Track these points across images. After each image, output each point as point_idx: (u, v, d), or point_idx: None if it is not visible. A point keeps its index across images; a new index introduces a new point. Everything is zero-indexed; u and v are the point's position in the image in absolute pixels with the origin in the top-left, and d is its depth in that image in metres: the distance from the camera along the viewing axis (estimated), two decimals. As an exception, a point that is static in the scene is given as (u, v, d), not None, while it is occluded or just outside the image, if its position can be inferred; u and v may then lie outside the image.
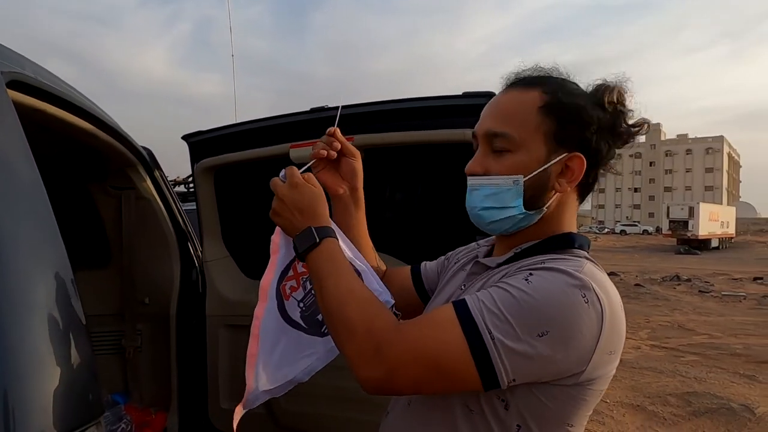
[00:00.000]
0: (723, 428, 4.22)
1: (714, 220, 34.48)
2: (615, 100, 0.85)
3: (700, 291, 12.86)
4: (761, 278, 15.44)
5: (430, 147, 1.72)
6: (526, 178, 0.84)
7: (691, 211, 32.64)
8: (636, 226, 59.75)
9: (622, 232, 52.44)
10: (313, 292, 1.13)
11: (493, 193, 0.86)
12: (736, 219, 41.05)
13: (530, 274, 0.77)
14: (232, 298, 2.09)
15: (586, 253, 0.86)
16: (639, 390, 5.12)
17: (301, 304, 1.18)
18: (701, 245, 31.58)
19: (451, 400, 0.83)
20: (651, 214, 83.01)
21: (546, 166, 0.84)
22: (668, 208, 35.61)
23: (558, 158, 0.85)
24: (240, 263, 2.22)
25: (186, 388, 2.16)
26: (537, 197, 0.86)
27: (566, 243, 0.87)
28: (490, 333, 0.72)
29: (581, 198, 0.93)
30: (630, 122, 0.88)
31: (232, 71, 4.81)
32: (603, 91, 0.86)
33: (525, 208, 0.85)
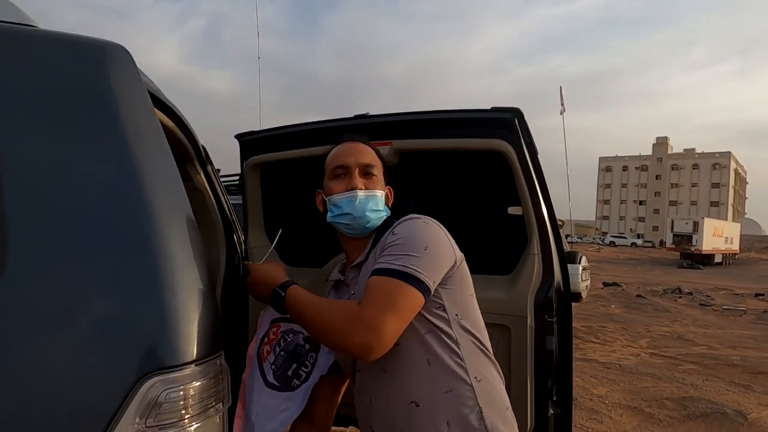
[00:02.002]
0: (716, 431, 4.42)
1: (718, 236, 34.53)
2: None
3: (701, 304, 13.02)
4: (762, 294, 15.57)
5: (462, 154, 1.94)
6: (384, 193, 1.39)
7: (696, 226, 32.73)
8: (625, 238, 59.81)
9: (611, 243, 52.45)
10: (282, 353, 1.56)
11: (376, 200, 1.35)
12: (741, 235, 41.04)
13: (392, 233, 1.24)
14: (273, 282, 2.33)
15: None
16: (637, 393, 5.32)
17: (273, 366, 1.54)
18: (704, 260, 31.63)
19: (414, 336, 1.20)
20: (655, 228, 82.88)
21: (386, 189, 1.41)
22: (672, 221, 35.70)
23: (387, 187, 1.43)
24: (279, 251, 2.45)
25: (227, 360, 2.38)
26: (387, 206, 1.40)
27: (389, 222, 1.35)
28: (404, 265, 1.15)
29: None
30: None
31: (258, 74, 5.04)
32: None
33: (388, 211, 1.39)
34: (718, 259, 33.77)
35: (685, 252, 32.35)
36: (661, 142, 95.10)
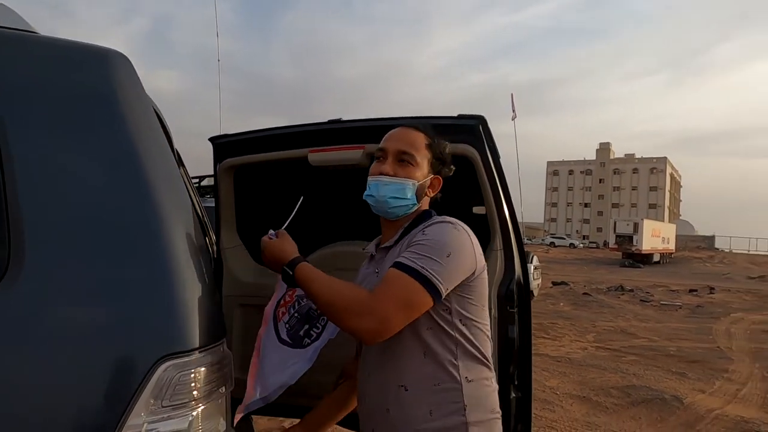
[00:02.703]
0: (656, 415, 4.78)
1: (656, 236, 36.59)
2: (447, 150, 1.49)
3: (641, 300, 13.84)
4: (696, 290, 16.71)
5: None
6: (419, 183, 1.40)
7: (636, 227, 34.56)
8: (564, 239, 62.51)
9: (552, 244, 54.73)
10: (296, 315, 1.67)
11: (399, 188, 1.37)
12: (676, 236, 43.64)
13: (423, 232, 1.30)
14: (245, 281, 2.38)
15: (438, 216, 1.41)
16: (585, 384, 5.65)
17: (287, 326, 1.66)
18: (644, 259, 33.43)
19: (416, 329, 1.27)
20: (599, 229, 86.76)
21: (426, 179, 1.42)
22: (615, 223, 37.53)
23: (430, 176, 1.44)
24: (250, 251, 2.50)
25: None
26: (418, 196, 1.41)
27: (428, 215, 1.42)
28: (423, 268, 1.21)
29: (430, 203, 1.50)
30: (448, 166, 1.50)
31: (218, 77, 5.02)
32: (445, 144, 1.49)
33: (416, 201, 1.40)
34: (656, 258, 35.75)
35: (627, 252, 34.09)
36: (604, 148, 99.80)
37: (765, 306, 13.68)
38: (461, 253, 1.25)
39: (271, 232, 1.47)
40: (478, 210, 2.08)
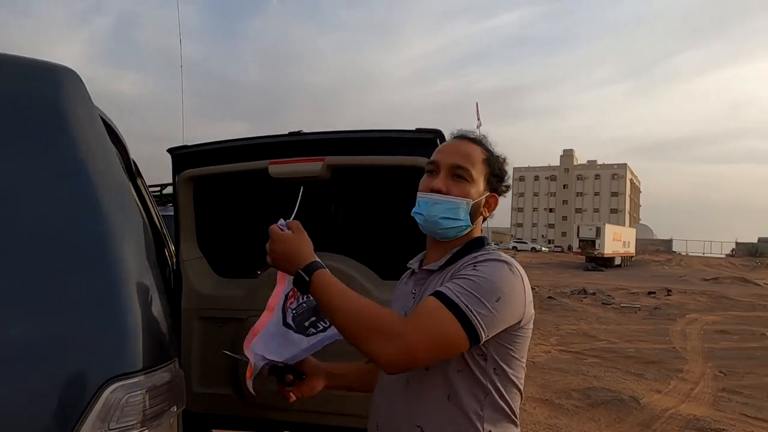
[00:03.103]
0: (614, 416, 4.93)
1: (617, 240, 37.77)
2: (505, 167, 1.33)
3: (603, 303, 14.25)
4: (654, 292, 17.32)
5: (388, 170, 2.11)
6: (474, 202, 1.24)
7: (598, 232, 35.61)
8: (526, 243, 64.00)
9: (514, 248, 55.93)
10: (304, 304, 1.49)
11: (451, 208, 1.22)
12: (636, 239, 45.17)
13: (475, 266, 1.14)
14: (205, 293, 2.36)
15: (492, 245, 1.29)
16: (547, 387, 5.78)
17: (294, 312, 1.55)
18: (606, 263, 34.44)
19: (445, 368, 1.14)
20: (564, 233, 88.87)
21: (482, 197, 1.27)
22: (578, 228, 38.60)
23: (486, 194, 1.28)
24: (211, 263, 2.48)
25: None
26: (473, 216, 1.25)
27: (480, 243, 1.28)
28: (467, 307, 1.07)
29: (484, 220, 1.36)
30: (507, 183, 1.35)
31: (181, 84, 4.96)
32: (503, 159, 1.33)
33: (470, 222, 1.25)
34: (618, 261, 36.90)
35: (590, 255, 35.05)
36: (568, 154, 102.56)
37: (718, 307, 14.31)
38: (511, 299, 1.12)
39: (282, 221, 1.24)
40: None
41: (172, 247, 2.52)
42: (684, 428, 4.65)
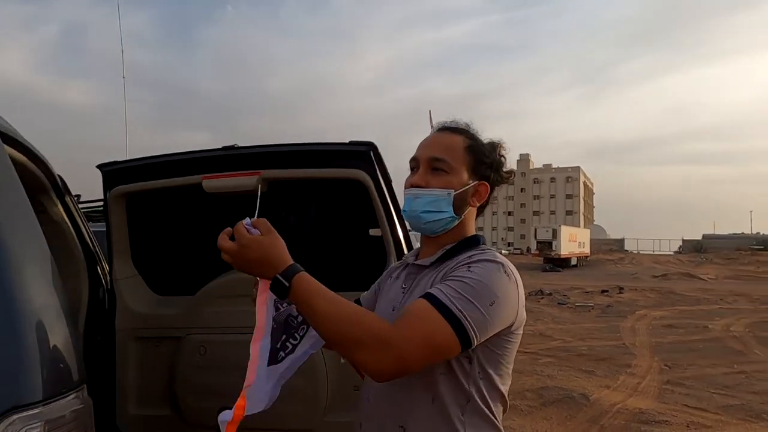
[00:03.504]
0: (565, 413, 5.08)
1: (573, 241, 38.95)
2: (502, 152, 1.28)
3: (558, 303, 14.64)
4: (607, 291, 17.94)
5: (324, 182, 2.13)
6: (456, 192, 1.20)
7: (555, 233, 36.64)
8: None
9: None
10: (273, 325, 1.22)
11: (432, 201, 1.19)
12: (591, 240, 46.73)
13: (469, 267, 1.10)
14: (142, 312, 2.30)
15: (487, 245, 1.24)
16: (503, 388, 5.89)
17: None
18: (563, 263, 35.43)
19: (431, 369, 1.09)
20: (523, 236, 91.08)
21: (467, 187, 1.21)
22: (536, 230, 39.61)
23: (473, 183, 1.22)
24: (148, 281, 2.42)
25: (93, 398, 2.28)
26: (459, 207, 1.21)
27: (475, 242, 1.23)
28: (460, 311, 1.03)
29: (478, 214, 1.31)
30: (506, 169, 1.30)
31: (123, 94, 4.82)
32: (497, 144, 1.28)
33: (454, 213, 1.20)
34: (574, 261, 38.00)
35: (547, 257, 35.99)
36: (524, 158, 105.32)
37: (666, 302, 14.96)
38: (505, 303, 1.08)
39: (248, 220, 1.11)
40: (374, 232, 2.15)
41: (107, 266, 2.45)
42: (630, 422, 4.83)
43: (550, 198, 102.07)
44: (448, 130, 1.27)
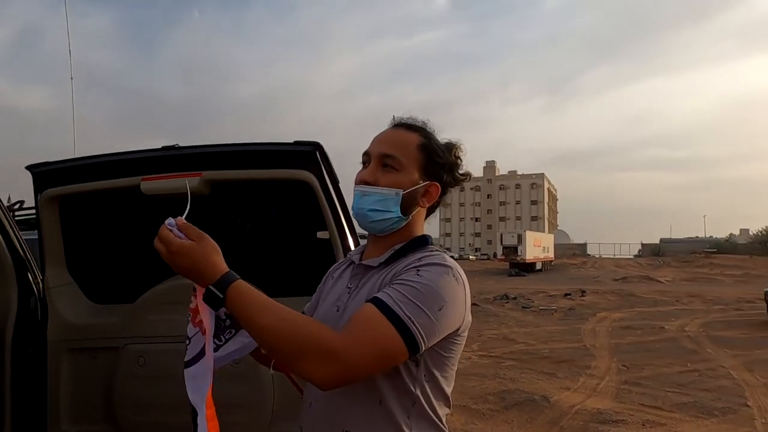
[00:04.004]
0: (526, 416, 5.11)
1: (538, 246, 39.75)
2: (457, 153, 1.23)
3: (523, 307, 14.87)
4: (570, 294, 18.34)
5: (270, 183, 2.06)
6: (405, 192, 1.15)
7: (520, 238, 37.31)
8: (453, 253, 66.36)
9: None
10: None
11: (380, 200, 1.15)
12: (555, 245, 47.80)
13: (418, 270, 1.06)
14: (76, 322, 2.17)
15: (435, 246, 1.20)
16: (465, 393, 5.89)
17: (188, 341, 1.14)
18: (528, 268, 36.08)
19: (372, 374, 1.04)
20: (489, 241, 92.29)
21: (417, 187, 1.17)
22: (502, 235, 40.24)
23: (424, 183, 1.18)
24: (84, 289, 2.29)
25: (21, 415, 2.14)
26: (407, 207, 1.17)
27: (424, 242, 1.20)
28: (408, 317, 0.99)
29: (427, 215, 1.26)
30: (461, 171, 1.25)
31: (71, 95, 4.62)
32: (453, 146, 1.23)
33: (401, 214, 1.16)
34: (538, 266, 38.74)
35: (513, 262, 36.58)
36: (490, 165, 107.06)
37: (625, 304, 15.40)
38: (453, 307, 1.06)
39: (171, 220, 1.01)
40: (321, 235, 2.09)
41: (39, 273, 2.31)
42: (588, 422, 4.90)
43: (516, 204, 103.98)
44: (403, 126, 1.22)
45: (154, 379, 2.07)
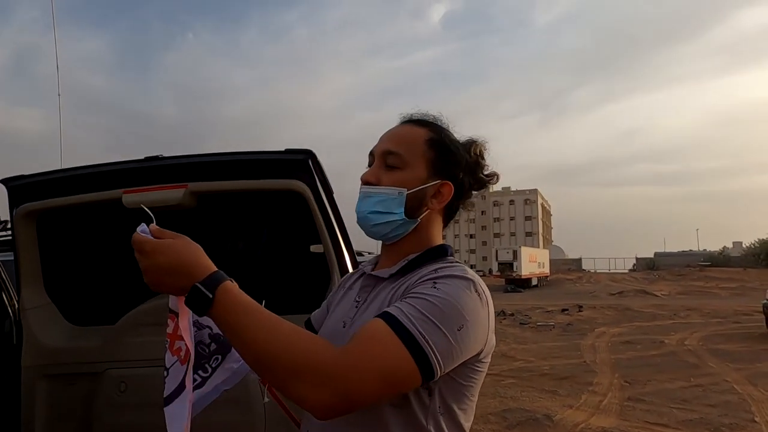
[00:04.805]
0: (529, 436, 4.95)
1: (533, 262, 39.66)
2: (478, 152, 1.10)
3: (520, 323, 14.69)
4: (567, 309, 18.18)
5: (259, 195, 1.95)
6: (409, 191, 1.03)
7: (515, 254, 37.24)
8: None
9: None
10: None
11: (381, 200, 1.03)
12: (550, 260, 47.74)
13: (435, 283, 0.92)
14: (54, 346, 2.03)
15: (454, 258, 1.07)
16: (466, 413, 5.72)
17: (166, 372, 0.99)
18: (524, 284, 35.92)
19: (379, 403, 0.90)
20: (485, 258, 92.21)
21: (424, 186, 1.04)
22: (497, 251, 40.18)
23: (433, 182, 1.05)
24: (63, 310, 2.16)
25: None
26: (414, 209, 1.04)
27: (442, 252, 1.06)
28: (423, 336, 0.84)
29: (445, 221, 1.12)
30: (485, 172, 1.12)
31: (59, 111, 4.52)
32: (472, 143, 1.11)
33: (405, 216, 1.03)
34: (534, 282, 38.59)
35: (509, 278, 36.42)
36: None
37: (623, 319, 15.25)
38: (475, 327, 0.91)
39: (143, 226, 0.90)
40: (315, 249, 1.98)
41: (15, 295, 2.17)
42: (594, 441, 4.74)
43: (510, 220, 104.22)
44: (411, 122, 1.11)
45: (137, 407, 1.93)
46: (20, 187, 1.98)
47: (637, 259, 63.43)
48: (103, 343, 2.04)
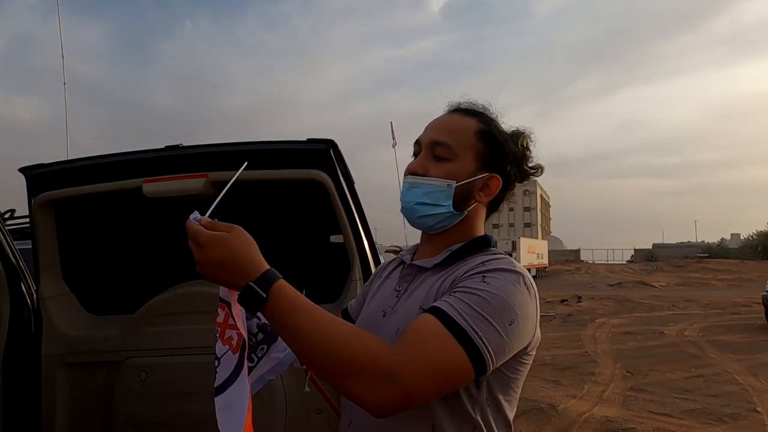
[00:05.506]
0: (534, 425, 4.99)
1: (532, 253, 39.78)
2: (525, 144, 1.09)
3: (521, 314, 14.76)
4: (567, 300, 18.27)
5: (280, 184, 1.94)
6: (458, 184, 1.01)
7: (514, 245, 37.33)
8: None
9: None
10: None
11: (429, 192, 1.01)
12: (549, 251, 47.87)
13: (484, 277, 0.92)
14: (73, 335, 2.03)
15: (498, 249, 1.06)
16: (471, 402, 5.77)
17: (217, 362, 0.98)
18: (523, 275, 36.06)
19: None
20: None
21: (473, 179, 1.03)
22: (496, 242, 40.04)
23: (482, 175, 1.04)
24: (82, 299, 2.16)
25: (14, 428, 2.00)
26: (462, 202, 1.03)
27: (485, 243, 1.06)
28: (476, 333, 0.85)
29: (489, 213, 1.12)
30: (530, 164, 1.11)
31: (64, 102, 4.49)
32: (519, 134, 1.09)
33: (453, 209, 1.02)
34: (533, 272, 38.76)
35: (508, 268, 36.54)
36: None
37: (623, 310, 15.33)
38: (525, 321, 0.91)
39: (196, 215, 0.88)
40: (335, 239, 1.98)
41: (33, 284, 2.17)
42: (599, 430, 4.79)
43: (509, 211, 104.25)
44: (460, 111, 1.09)
45: (157, 396, 1.94)
46: (39, 176, 1.97)
47: (635, 250, 63.62)
48: (123, 333, 2.05)
